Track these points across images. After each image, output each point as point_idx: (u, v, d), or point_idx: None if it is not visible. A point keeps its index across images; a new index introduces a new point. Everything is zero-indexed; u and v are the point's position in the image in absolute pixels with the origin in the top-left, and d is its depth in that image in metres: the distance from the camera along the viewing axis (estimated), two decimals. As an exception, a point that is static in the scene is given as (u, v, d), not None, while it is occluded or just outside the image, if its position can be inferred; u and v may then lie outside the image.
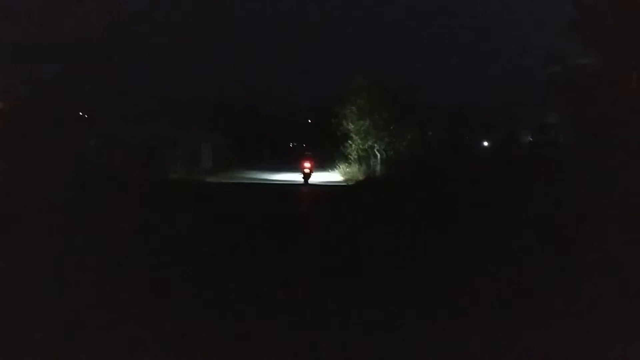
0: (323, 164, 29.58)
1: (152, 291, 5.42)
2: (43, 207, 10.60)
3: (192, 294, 5.39)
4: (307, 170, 23.14)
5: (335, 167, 29.49)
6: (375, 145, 25.18)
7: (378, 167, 25.30)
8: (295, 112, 63.77)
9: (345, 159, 27.78)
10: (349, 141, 25.81)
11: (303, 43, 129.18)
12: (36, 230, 8.43)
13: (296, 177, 23.92)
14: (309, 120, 61.88)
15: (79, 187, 13.42)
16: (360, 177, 24.27)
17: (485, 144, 38.64)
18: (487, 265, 6.83)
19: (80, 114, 26.63)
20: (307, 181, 22.95)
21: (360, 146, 25.52)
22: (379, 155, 25.42)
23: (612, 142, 11.76)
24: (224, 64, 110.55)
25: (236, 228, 9.99)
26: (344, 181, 24.84)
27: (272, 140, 57.81)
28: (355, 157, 26.56)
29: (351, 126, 25.10)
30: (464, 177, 16.69)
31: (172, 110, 44.76)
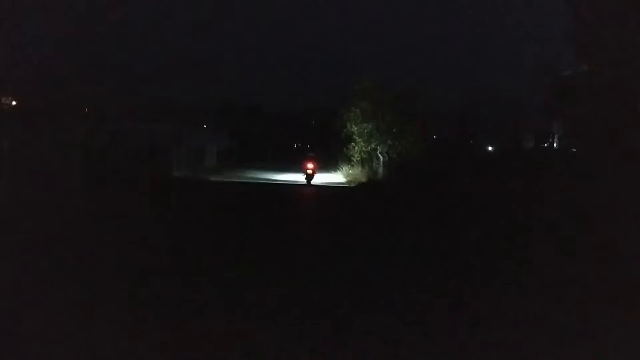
0: (326, 165, 29.76)
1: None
2: (49, 204, 10.78)
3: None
4: (309, 171, 23.32)
5: (338, 169, 29.66)
6: (378, 147, 25.33)
7: (380, 170, 25.45)
8: (299, 112, 63.92)
9: (348, 160, 27.95)
10: (352, 143, 25.96)
11: (306, 43, 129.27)
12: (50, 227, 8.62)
13: (299, 178, 24.08)
14: (313, 122, 62.04)
15: (84, 185, 13.60)
16: (363, 179, 24.42)
17: (490, 148, 38.77)
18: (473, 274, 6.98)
19: (86, 110, 26.84)
20: (309, 182, 23.13)
21: (363, 148, 25.67)
22: (381, 157, 25.57)
23: (612, 149, 11.88)
24: (228, 64, 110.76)
25: (242, 224, 10.16)
26: (347, 183, 25.00)
27: (276, 141, 58.02)
28: (358, 159, 26.71)
29: (354, 128, 25.26)
30: (466, 180, 16.83)
31: (177, 108, 44.96)
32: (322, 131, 40.74)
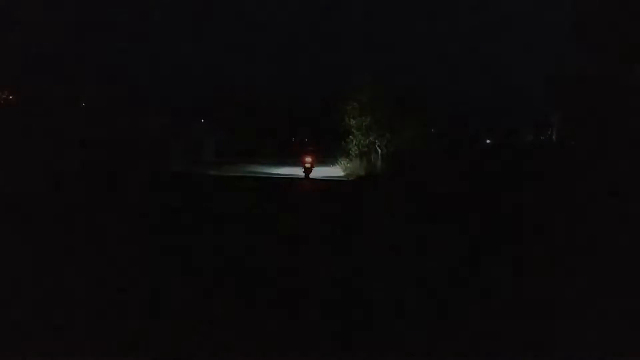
0: (324, 159, 29.73)
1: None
2: (49, 198, 10.76)
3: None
4: (308, 165, 23.33)
5: (337, 162, 29.63)
6: (377, 141, 25.30)
7: (379, 163, 25.44)
8: (298, 106, 63.67)
9: (346, 154, 27.91)
10: (351, 137, 25.91)
11: (306, 39, 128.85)
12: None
13: (298, 172, 24.08)
14: (311, 116, 61.81)
15: (78, 177, 13.58)
16: (361, 173, 24.39)
17: (488, 141, 38.82)
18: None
19: (83, 104, 26.79)
20: (308, 176, 23.14)
21: (362, 142, 25.62)
22: (379, 151, 25.54)
23: (611, 141, 11.89)
24: (227, 59, 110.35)
25: (242, 219, 10.14)
26: (345, 176, 24.99)
27: (274, 135, 57.77)
28: (356, 152, 26.66)
29: (353, 122, 25.20)
30: (464, 174, 16.82)
31: (174, 102, 44.69)
32: (321, 125, 40.65)
